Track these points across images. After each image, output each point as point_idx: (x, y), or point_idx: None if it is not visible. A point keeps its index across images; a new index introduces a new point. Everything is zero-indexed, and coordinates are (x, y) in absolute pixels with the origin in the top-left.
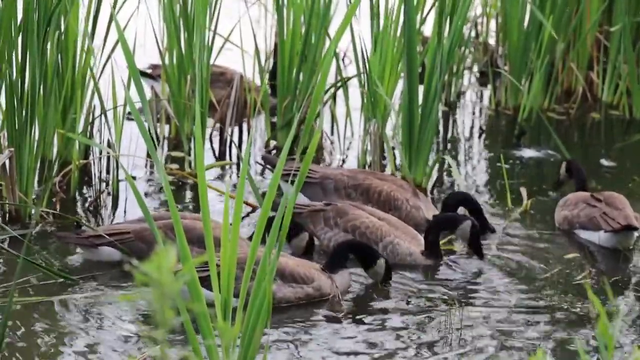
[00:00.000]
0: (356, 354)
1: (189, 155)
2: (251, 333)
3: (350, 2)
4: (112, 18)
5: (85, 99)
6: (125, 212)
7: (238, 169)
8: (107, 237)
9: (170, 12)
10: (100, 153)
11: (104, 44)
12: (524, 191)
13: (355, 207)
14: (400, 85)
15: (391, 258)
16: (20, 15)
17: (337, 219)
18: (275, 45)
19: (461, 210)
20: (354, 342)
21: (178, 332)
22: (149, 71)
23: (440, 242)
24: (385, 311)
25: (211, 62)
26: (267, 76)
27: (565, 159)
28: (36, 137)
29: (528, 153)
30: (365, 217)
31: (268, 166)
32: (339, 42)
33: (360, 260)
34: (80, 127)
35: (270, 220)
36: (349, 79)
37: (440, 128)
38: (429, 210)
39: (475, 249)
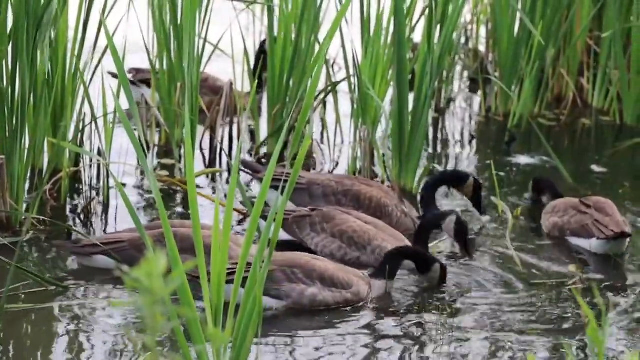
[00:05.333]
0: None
1: (179, 162)
2: (242, 339)
3: (339, 7)
4: (101, 24)
5: (76, 106)
6: (116, 219)
7: (228, 175)
8: (102, 245)
9: (160, 19)
10: (91, 161)
11: (94, 51)
12: (507, 210)
13: (341, 212)
14: (390, 91)
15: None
16: (10, 23)
17: (323, 224)
18: (265, 51)
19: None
20: (345, 348)
21: (170, 337)
22: (130, 76)
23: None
24: (376, 316)
25: (201, 69)
26: (257, 82)
27: (533, 179)
28: (26, 145)
29: (522, 160)
30: (353, 222)
31: (248, 170)
32: (329, 45)
33: (416, 265)
34: (70, 135)
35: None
36: (338, 82)
37: (431, 134)
38: (413, 216)
39: (461, 244)
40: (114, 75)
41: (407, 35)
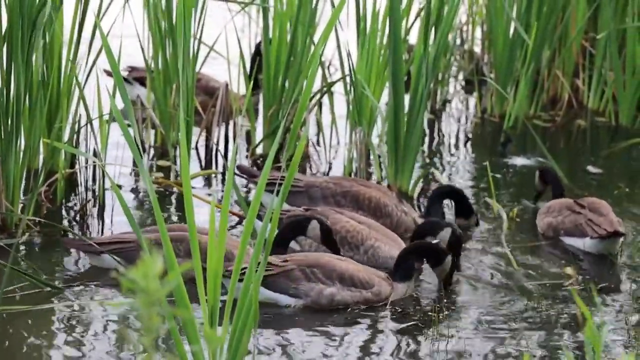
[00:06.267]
0: None
1: (175, 163)
2: (238, 339)
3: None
4: (96, 26)
5: (71, 107)
6: (111, 221)
7: (224, 177)
8: (109, 244)
9: (155, 21)
10: (86, 162)
11: (89, 52)
12: (502, 211)
13: (335, 212)
14: (386, 92)
15: (372, 262)
16: (4, 25)
17: None
18: (261, 53)
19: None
20: (340, 348)
21: (166, 338)
22: (125, 74)
23: None
24: (371, 316)
25: (196, 70)
26: (252, 84)
27: (538, 168)
28: (22, 147)
29: (518, 161)
30: (345, 221)
31: (244, 175)
32: (324, 45)
33: (427, 259)
34: (66, 136)
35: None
36: (333, 83)
37: (426, 136)
38: (413, 216)
39: (454, 257)
40: (108, 74)
41: (403, 37)
